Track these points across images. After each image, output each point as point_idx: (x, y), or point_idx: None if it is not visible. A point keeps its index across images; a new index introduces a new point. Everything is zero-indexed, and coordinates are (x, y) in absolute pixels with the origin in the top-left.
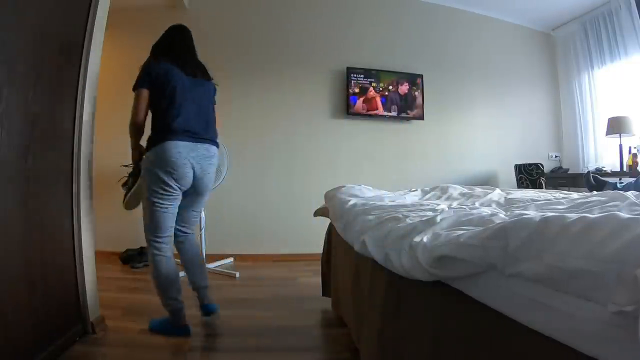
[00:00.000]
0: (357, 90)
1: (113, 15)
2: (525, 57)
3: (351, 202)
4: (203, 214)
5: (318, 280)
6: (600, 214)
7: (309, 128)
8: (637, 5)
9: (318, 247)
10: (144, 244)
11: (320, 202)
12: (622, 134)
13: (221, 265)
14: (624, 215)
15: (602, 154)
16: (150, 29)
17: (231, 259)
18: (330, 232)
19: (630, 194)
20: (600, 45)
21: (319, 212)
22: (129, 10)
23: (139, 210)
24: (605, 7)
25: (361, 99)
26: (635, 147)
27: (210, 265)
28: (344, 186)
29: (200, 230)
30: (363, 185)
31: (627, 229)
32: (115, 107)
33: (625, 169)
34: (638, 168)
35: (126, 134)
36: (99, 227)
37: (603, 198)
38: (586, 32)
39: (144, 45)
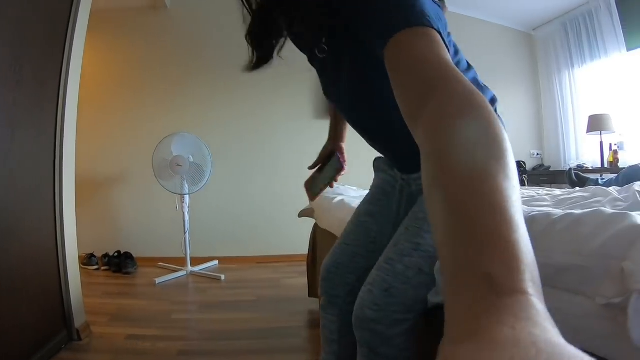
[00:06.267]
0: None
1: (93, 16)
2: (506, 57)
3: (338, 199)
4: (187, 216)
5: (303, 281)
6: (585, 211)
7: (292, 128)
8: (616, 5)
9: (302, 248)
10: (125, 249)
11: (304, 203)
12: (602, 132)
13: (206, 268)
14: (608, 210)
15: (583, 151)
16: (132, 30)
17: (216, 262)
18: (315, 233)
19: (613, 189)
20: (580, 45)
21: (304, 213)
22: (109, 11)
23: (117, 216)
24: (585, 7)
25: None
26: (616, 144)
27: (195, 269)
28: None
29: (185, 233)
30: (347, 186)
31: (611, 224)
32: (97, 111)
33: (606, 165)
34: (619, 164)
35: (106, 136)
36: (80, 232)
37: (586, 194)
38: (566, 32)
39: (125, 48)
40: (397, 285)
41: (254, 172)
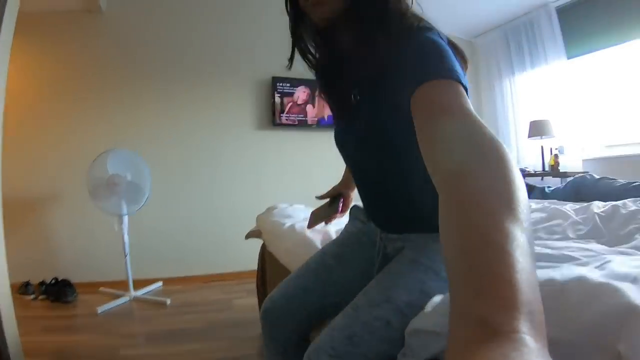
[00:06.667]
0: (283, 100)
1: (21, 20)
2: None
3: (288, 224)
4: (126, 237)
5: (253, 301)
6: (567, 279)
7: (234, 140)
8: (557, 15)
9: (248, 265)
10: (62, 275)
11: (248, 217)
12: (543, 136)
13: (150, 291)
14: (593, 278)
15: (524, 154)
16: (64, 35)
17: (160, 283)
18: (264, 254)
19: (569, 208)
20: (521, 53)
21: (251, 235)
22: (37, 14)
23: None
24: (526, 17)
25: (289, 107)
26: (556, 149)
27: (139, 293)
28: (275, 207)
29: (125, 255)
30: (295, 205)
31: (597, 298)
32: (24, 123)
33: (547, 168)
34: (559, 168)
35: (36, 151)
36: (11, 258)
37: (544, 214)
38: (507, 40)
39: (56, 53)
40: (362, 334)
41: (194, 186)
